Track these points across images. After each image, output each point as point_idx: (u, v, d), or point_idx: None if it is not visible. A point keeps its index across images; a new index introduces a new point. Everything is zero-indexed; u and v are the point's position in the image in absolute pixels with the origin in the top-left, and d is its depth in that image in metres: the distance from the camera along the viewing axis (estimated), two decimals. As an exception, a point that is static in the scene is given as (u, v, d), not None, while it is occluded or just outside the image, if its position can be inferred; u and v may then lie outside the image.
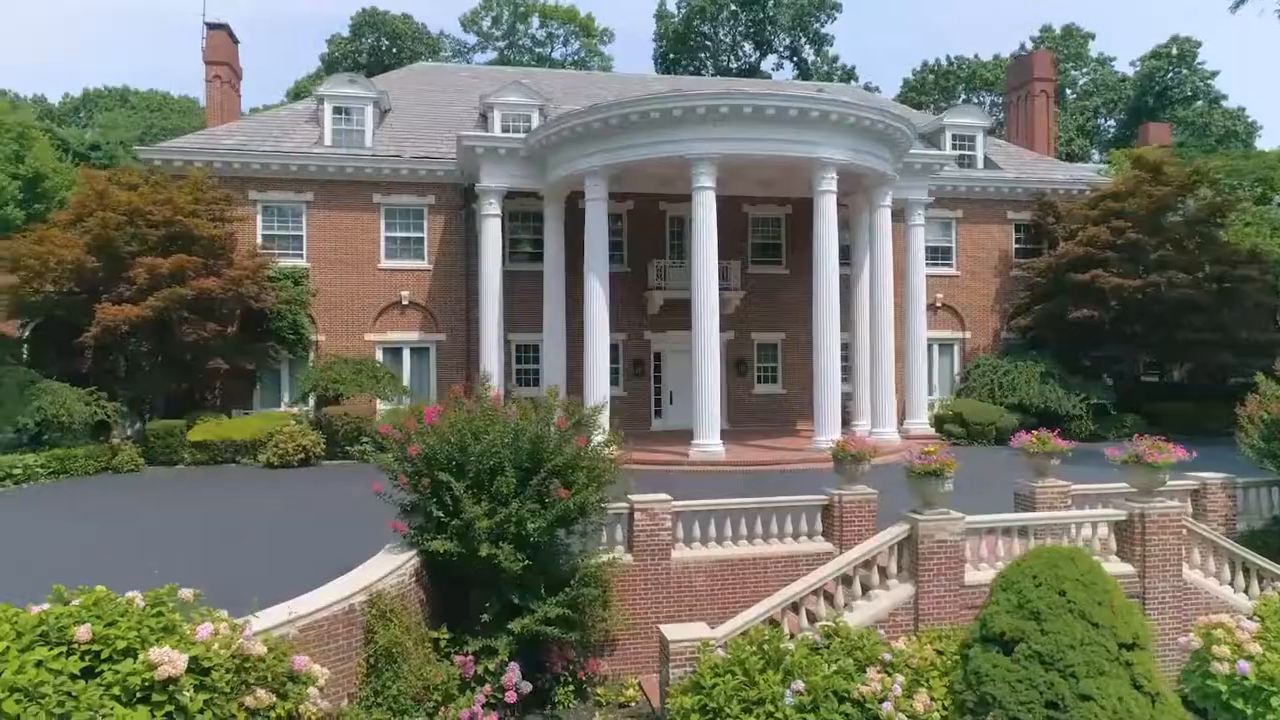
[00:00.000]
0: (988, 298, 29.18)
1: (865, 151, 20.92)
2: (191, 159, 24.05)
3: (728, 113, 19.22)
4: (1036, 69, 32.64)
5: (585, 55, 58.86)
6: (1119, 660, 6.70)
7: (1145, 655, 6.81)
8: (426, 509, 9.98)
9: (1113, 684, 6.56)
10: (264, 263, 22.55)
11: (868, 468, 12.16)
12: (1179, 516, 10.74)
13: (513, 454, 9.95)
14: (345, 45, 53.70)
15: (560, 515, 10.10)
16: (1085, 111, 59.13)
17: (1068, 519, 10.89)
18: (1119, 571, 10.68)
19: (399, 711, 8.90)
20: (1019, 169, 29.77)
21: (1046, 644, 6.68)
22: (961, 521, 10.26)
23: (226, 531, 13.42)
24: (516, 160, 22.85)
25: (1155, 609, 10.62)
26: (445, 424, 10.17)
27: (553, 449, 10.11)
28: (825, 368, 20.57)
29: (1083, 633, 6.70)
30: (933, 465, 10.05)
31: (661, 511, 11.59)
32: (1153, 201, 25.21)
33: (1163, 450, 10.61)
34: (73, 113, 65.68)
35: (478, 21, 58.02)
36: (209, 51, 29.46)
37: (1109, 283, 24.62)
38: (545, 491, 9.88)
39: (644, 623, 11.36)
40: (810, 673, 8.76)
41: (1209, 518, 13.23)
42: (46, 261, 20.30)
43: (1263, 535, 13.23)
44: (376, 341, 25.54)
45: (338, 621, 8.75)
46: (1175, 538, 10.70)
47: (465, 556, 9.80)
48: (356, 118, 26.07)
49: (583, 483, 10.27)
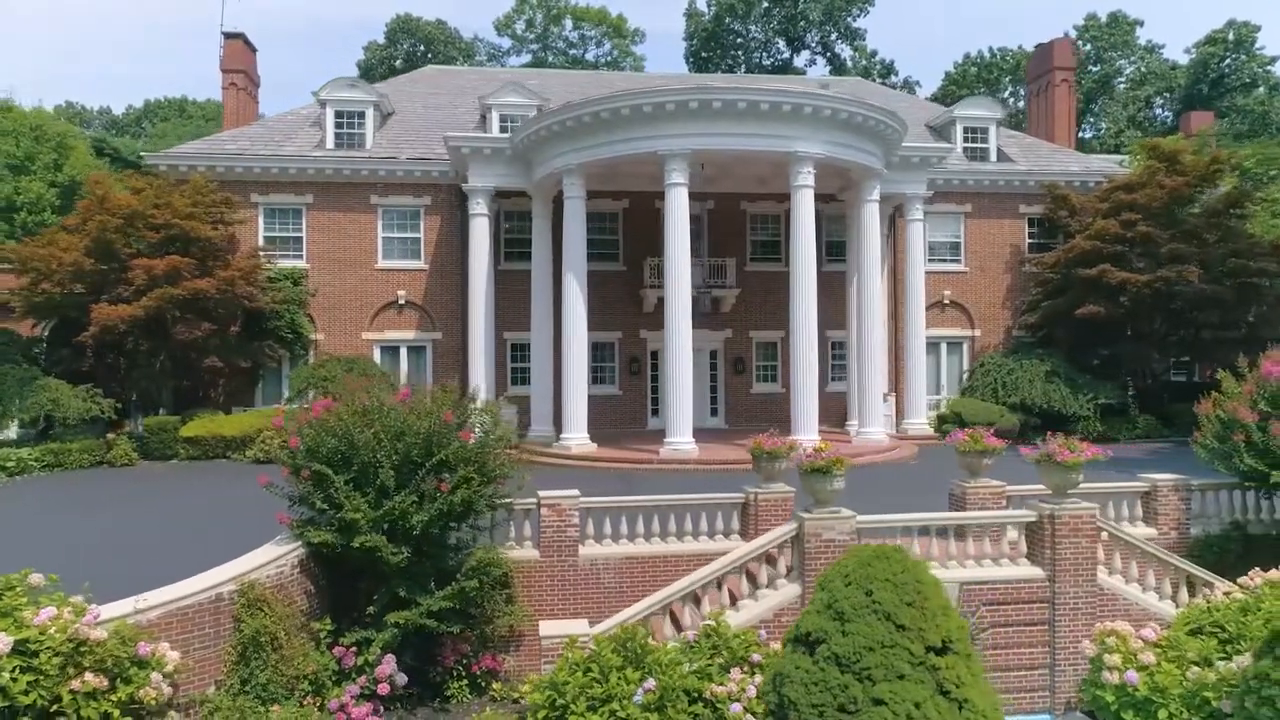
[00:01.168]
0: (998, 294, 28.29)
1: (846, 145, 20.48)
2: (195, 164, 24.87)
3: (697, 108, 19.03)
4: (1056, 57, 31.51)
5: (618, 56, 58.99)
6: (924, 664, 6.40)
7: (955, 659, 6.49)
8: (310, 501, 10.11)
9: (912, 689, 6.27)
10: (257, 264, 23.14)
11: (785, 465, 11.88)
12: (1092, 518, 10.24)
13: (394, 448, 10.00)
14: (381, 51, 54.83)
15: (445, 509, 10.12)
16: (1136, 102, 56.87)
17: (969, 520, 10.48)
18: (1027, 575, 10.27)
19: (267, 700, 9.04)
20: (1033, 161, 28.78)
21: (846, 645, 6.42)
22: (851, 521, 9.97)
23: (176, 522, 13.83)
24: (503, 160, 23.02)
25: (1065, 615, 10.16)
26: (333, 418, 10.30)
27: (436, 444, 10.13)
28: (801, 367, 20.18)
29: (884, 634, 6.42)
30: (819, 463, 9.79)
31: (569, 507, 11.54)
32: (1166, 192, 24.08)
33: (1074, 449, 10.14)
34: (135, 123, 68.46)
35: (511, 25, 58.62)
36: (226, 60, 30.47)
37: (1116, 278, 23.62)
38: (429, 486, 9.90)
39: (551, 618, 11.31)
40: (669, 672, 8.62)
41: (1159, 521, 12.61)
42: (49, 264, 21.19)
43: (1219, 541, 12.55)
44: (374, 340, 26.02)
45: (204, 610, 8.93)
46: (1088, 540, 10.20)
47: (347, 548, 9.90)
48: (357, 121, 26.61)
49: (471, 478, 10.26)
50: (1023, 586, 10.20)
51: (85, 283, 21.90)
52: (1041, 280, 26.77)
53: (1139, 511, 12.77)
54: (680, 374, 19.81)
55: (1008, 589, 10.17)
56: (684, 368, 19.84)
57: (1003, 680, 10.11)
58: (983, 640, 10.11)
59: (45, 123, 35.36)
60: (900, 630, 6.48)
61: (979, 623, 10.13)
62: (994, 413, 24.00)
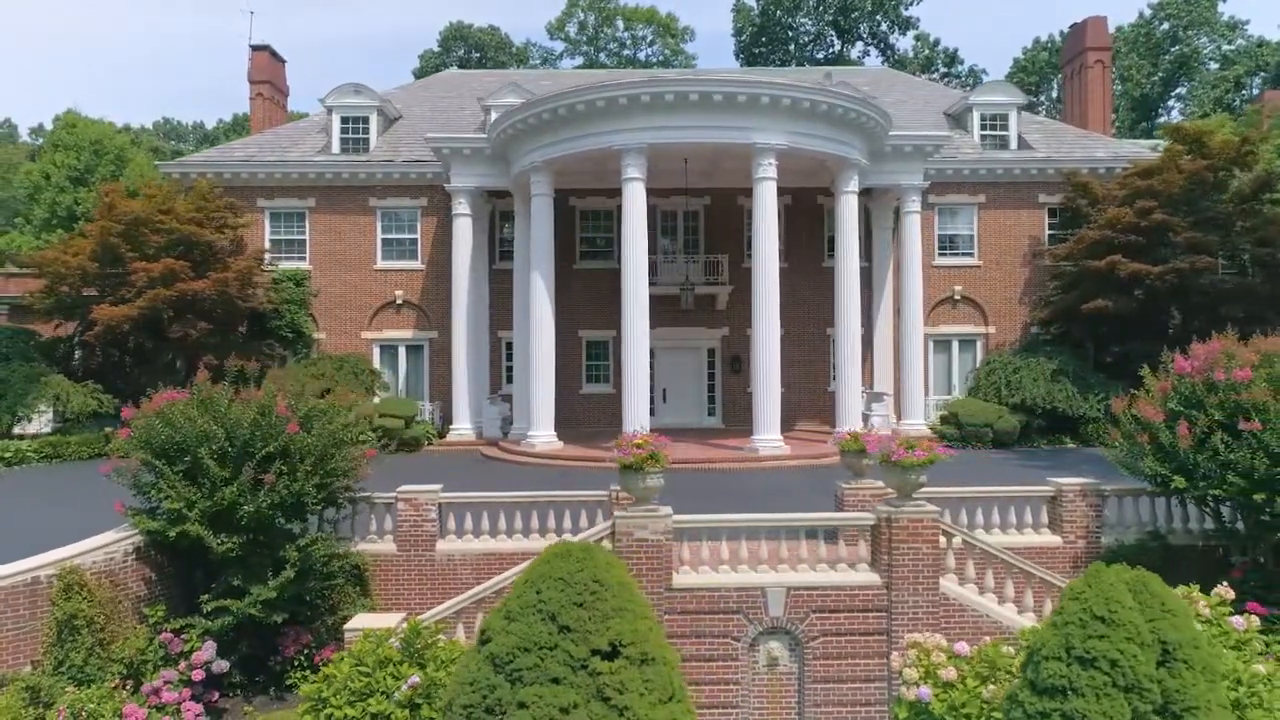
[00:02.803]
0: (1015, 289, 26.81)
1: (814, 136, 19.79)
2: (205, 171, 26.07)
3: (649, 101, 18.76)
4: (1089, 37, 29.62)
5: (669, 56, 58.79)
6: (587, 668, 6.09)
7: (625, 665, 6.13)
8: (145, 490, 10.42)
9: (565, 693, 5.97)
10: (252, 266, 24.01)
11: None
12: (934, 523, 9.55)
13: (216, 439, 10.19)
14: (435, 59, 56.21)
15: (277, 501, 10.26)
16: (1225, 83, 52.97)
17: (799, 522, 9.92)
18: (862, 582, 9.68)
19: (83, 681, 9.37)
20: (1056, 148, 27.15)
21: (502, 645, 6.17)
22: (666, 520, 9.61)
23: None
24: (483, 159, 23.24)
25: (904, 625, 9.51)
26: (175, 410, 10.58)
27: (263, 437, 10.29)
28: (763, 366, 19.60)
29: (545, 635, 6.13)
30: (630, 459, 9.47)
31: (425, 502, 11.55)
32: (1184, 177, 22.30)
33: (912, 447, 9.49)
34: (226, 134, 72.44)
35: (563, 28, 59.19)
36: (253, 71, 31.80)
37: (1127, 269, 22.03)
38: (246, 477, 10.07)
39: (410, 612, 11.32)
40: (446, 668, 8.51)
41: (1065, 529, 11.69)
42: (59, 267, 22.58)
43: (1133, 551, 11.51)
44: (373, 339, 26.68)
45: (19, 592, 9.32)
46: (928, 546, 9.53)
47: (179, 536, 10.16)
48: (362, 126, 27.36)
49: (296, 470, 10.38)
50: (857, 593, 9.60)
51: (95, 285, 23.23)
52: (1057, 274, 25.24)
53: (1044, 518, 11.87)
54: (637, 372, 19.57)
55: (840, 596, 9.59)
56: (640, 365, 19.60)
57: (835, 693, 9.55)
58: (812, 649, 9.58)
59: (105, 136, 37.77)
60: (564, 631, 6.18)
61: (808, 630, 9.60)
62: (991, 413, 22.78)
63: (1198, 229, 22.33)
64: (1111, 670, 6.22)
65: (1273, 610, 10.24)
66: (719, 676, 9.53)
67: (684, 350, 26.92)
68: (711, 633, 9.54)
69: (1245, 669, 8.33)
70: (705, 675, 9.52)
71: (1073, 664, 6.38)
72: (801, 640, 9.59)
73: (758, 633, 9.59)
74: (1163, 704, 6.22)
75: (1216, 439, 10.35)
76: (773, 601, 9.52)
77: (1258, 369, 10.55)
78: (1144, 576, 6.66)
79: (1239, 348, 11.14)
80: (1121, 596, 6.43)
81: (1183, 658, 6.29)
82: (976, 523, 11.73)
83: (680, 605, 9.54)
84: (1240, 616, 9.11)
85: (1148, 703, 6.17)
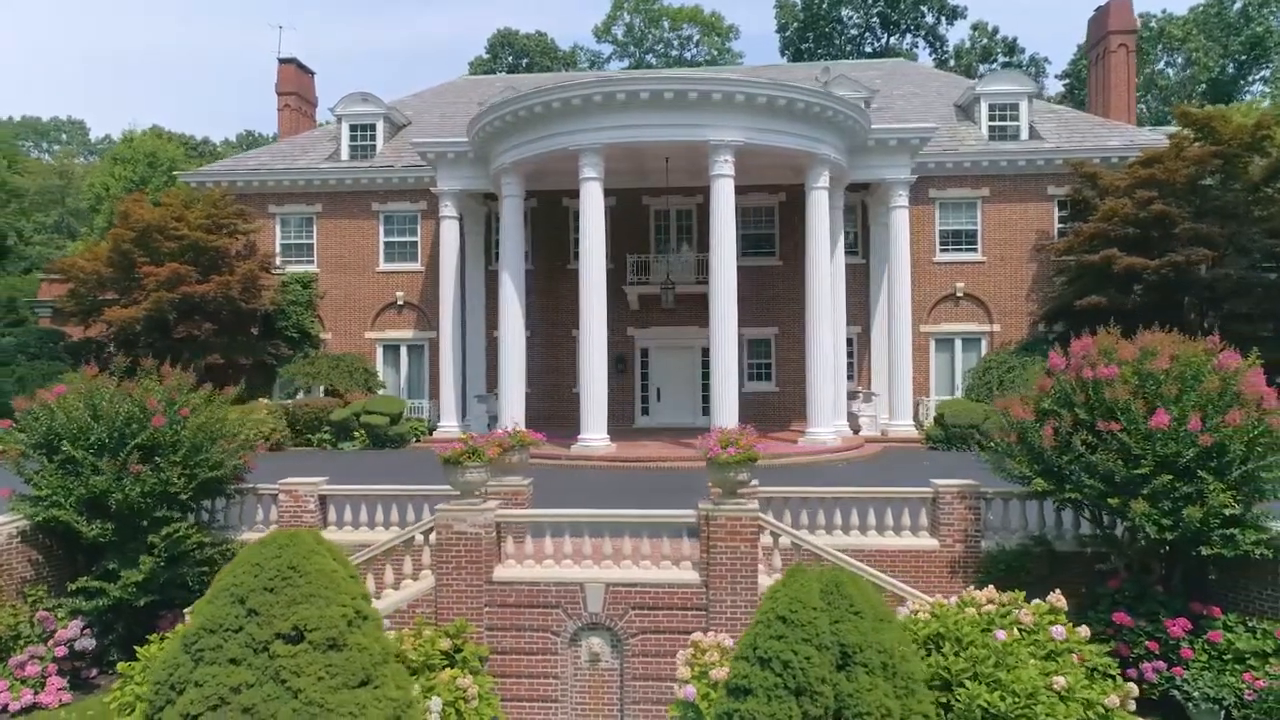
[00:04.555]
0: (1021, 286, 25.74)
1: (776, 131, 19.51)
2: (220, 179, 27.46)
3: (602, 101, 18.86)
4: (1112, 20, 28.14)
5: (715, 54, 58.54)
6: (266, 651, 6.29)
7: (307, 649, 6.28)
8: (28, 478, 11.15)
9: (238, 673, 6.14)
10: (254, 270, 25.14)
11: (516, 459, 11.72)
12: (752, 521, 9.39)
13: (96, 432, 10.83)
14: (484, 66, 57.44)
15: (147, 491, 10.84)
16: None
17: (622, 518, 9.88)
18: (681, 580, 9.60)
19: (-45, 654, 10.12)
20: (1067, 137, 25.95)
21: (193, 625, 6.46)
22: (489, 514, 9.74)
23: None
24: (467, 163, 23.73)
25: (721, 624, 9.37)
26: (64, 404, 11.29)
27: (131, 430, 10.87)
28: (721, 366, 19.43)
29: (232, 618, 6.36)
30: (449, 453, 9.64)
31: (304, 493, 11.97)
32: (1188, 165, 21.01)
33: (727, 444, 9.36)
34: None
35: (610, 31, 59.64)
36: (280, 83, 33.26)
37: (1122, 264, 20.92)
38: (108, 467, 10.67)
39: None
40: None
41: (943, 532, 11.27)
42: (76, 273, 24.19)
43: (1014, 557, 11.04)
44: (376, 339, 27.58)
45: (-103, 571, 10.13)
46: (747, 545, 9.37)
47: (50, 520, 10.86)
48: (369, 133, 28.33)
49: (160, 463, 10.92)
50: (676, 591, 9.52)
51: (112, 288, 24.78)
52: (1062, 269, 24.13)
53: (924, 521, 11.47)
54: (595, 370, 19.66)
55: (659, 593, 9.53)
56: (598, 364, 19.68)
57: (654, 690, 9.49)
58: (631, 646, 9.55)
59: (159, 149, 40.17)
60: (250, 615, 6.41)
61: (626, 627, 9.57)
62: (978, 414, 21.91)
63: (1204, 220, 21.03)
64: (784, 672, 6.06)
65: (1138, 622, 9.69)
66: (540, 670, 9.61)
67: (677, 349, 26.85)
68: (531, 626, 9.63)
69: (1042, 680, 7.94)
70: (526, 669, 9.61)
71: (755, 664, 6.25)
72: (621, 637, 9.57)
73: (578, 628, 9.62)
74: (837, 708, 6.02)
75: (1077, 439, 9.83)
76: (591, 597, 9.53)
77: (1126, 366, 9.97)
78: (839, 577, 6.44)
79: (1121, 343, 10.53)
80: (808, 597, 6.25)
81: (862, 661, 6.07)
82: (852, 524, 11.43)
83: (500, 598, 9.66)
84: (1061, 627, 8.67)
85: (819, 706, 5.99)
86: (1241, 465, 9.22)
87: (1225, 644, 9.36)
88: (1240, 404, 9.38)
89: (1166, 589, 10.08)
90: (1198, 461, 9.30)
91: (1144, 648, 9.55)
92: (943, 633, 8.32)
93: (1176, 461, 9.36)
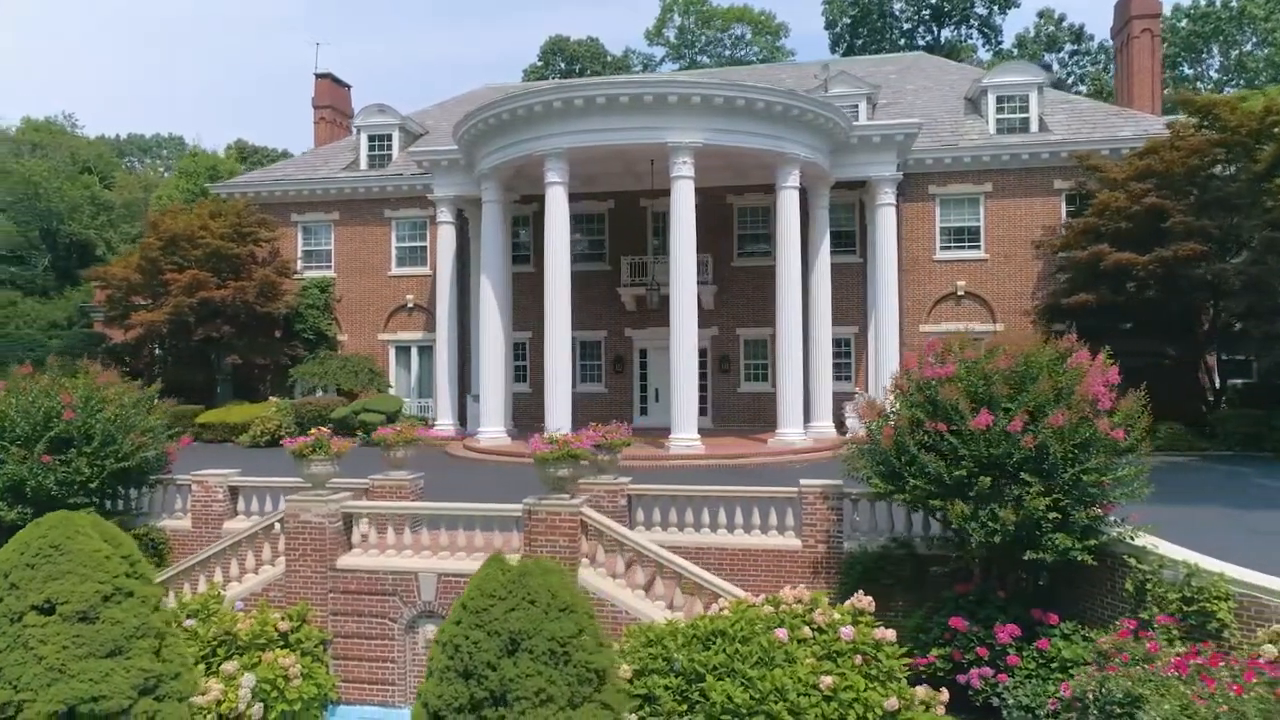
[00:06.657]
0: (1026, 284, 24.85)
1: (739, 132, 19.53)
2: (246, 190, 29.14)
3: (561, 107, 19.27)
4: (1135, 4, 26.79)
5: (768, 53, 58.13)
6: (20, 621, 6.98)
7: (56, 620, 6.94)
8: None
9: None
10: (269, 276, 26.59)
11: (401, 454, 12.31)
12: (572, 515, 9.64)
13: (19, 425, 11.90)
14: (536, 74, 58.62)
15: (60, 479, 11.86)
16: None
17: (456, 511, 10.26)
18: (507, 571, 9.91)
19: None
20: (1077, 129, 24.91)
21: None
22: (334, 506, 10.28)
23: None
24: (459, 170, 24.53)
25: (541, 616, 9.66)
26: None
27: (47, 423, 11.90)
28: (680, 366, 19.62)
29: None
30: (296, 447, 10.24)
31: (214, 484, 12.83)
32: (1184, 155, 19.93)
33: (553, 441, 9.65)
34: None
35: (661, 33, 59.96)
36: (316, 97, 34.96)
37: (1111, 260, 20.03)
38: (21, 455, 11.71)
39: (197, 582, 12.65)
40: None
41: (805, 532, 11.24)
42: (109, 280, 26.15)
43: (876, 558, 10.95)
44: (389, 341, 28.74)
45: None
46: (567, 539, 9.63)
47: (-20, 508, 12.00)
48: (386, 142, 29.56)
49: (81, 453, 11.91)
50: (502, 583, 9.84)
51: (143, 294, 26.68)
52: (1062, 266, 23.19)
53: (789, 520, 11.46)
54: (558, 371, 20.10)
55: (487, 584, 9.87)
56: (562, 365, 20.17)
57: (483, 677, 9.85)
58: (461, 634, 9.92)
59: (218, 163, 42.74)
60: (12, 589, 7.11)
61: (456, 616, 9.95)
62: (961, 416, 21.31)
63: (1206, 213, 19.92)
64: (455, 655, 6.37)
65: (972, 627, 9.49)
66: (377, 654, 10.10)
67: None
68: (370, 612, 10.13)
69: (810, 679, 7.96)
70: (366, 653, 10.12)
71: (439, 648, 6.57)
72: (452, 625, 9.96)
73: (414, 615, 10.07)
74: (501, 691, 6.28)
75: (911, 440, 9.70)
76: (425, 586, 9.97)
77: (962, 365, 9.77)
78: (527, 568, 6.69)
79: (970, 341, 10.32)
80: (490, 586, 6.53)
81: (529, 648, 6.31)
82: (720, 523, 11.51)
83: (343, 585, 10.20)
84: (850, 628, 8.62)
85: (484, 689, 6.26)
86: (1070, 467, 8.96)
87: (1053, 651, 9.08)
88: (1069, 406, 9.10)
89: (1009, 595, 9.83)
90: (1023, 464, 9.08)
91: (974, 654, 9.35)
92: (724, 630, 8.40)
93: (1006, 464, 9.17)
